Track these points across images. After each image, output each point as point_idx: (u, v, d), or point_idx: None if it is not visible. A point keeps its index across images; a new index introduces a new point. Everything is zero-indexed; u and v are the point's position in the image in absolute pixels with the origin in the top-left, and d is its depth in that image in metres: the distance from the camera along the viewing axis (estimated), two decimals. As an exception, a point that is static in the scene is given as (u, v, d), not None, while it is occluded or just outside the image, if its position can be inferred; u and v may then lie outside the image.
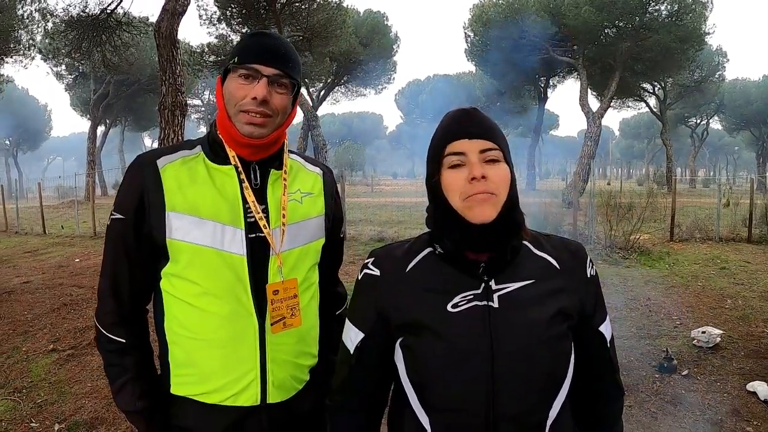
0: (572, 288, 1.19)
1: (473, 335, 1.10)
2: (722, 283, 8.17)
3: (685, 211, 13.96)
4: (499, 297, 1.13)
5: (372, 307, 1.23)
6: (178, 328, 1.41)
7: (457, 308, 1.12)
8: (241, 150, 1.43)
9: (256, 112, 1.36)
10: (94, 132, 36.07)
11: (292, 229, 1.48)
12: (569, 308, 1.17)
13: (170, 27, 9.76)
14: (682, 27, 23.10)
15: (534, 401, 1.10)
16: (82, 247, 13.35)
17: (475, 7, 28.21)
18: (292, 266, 1.48)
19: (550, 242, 1.25)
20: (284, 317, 1.44)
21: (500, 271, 1.15)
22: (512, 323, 1.11)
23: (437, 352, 1.11)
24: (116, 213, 1.42)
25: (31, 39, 20.55)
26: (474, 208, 1.09)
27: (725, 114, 49.75)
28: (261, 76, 1.36)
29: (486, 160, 1.11)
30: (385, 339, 1.22)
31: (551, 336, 1.12)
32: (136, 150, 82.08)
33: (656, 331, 5.91)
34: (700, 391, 4.42)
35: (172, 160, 1.43)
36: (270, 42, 1.41)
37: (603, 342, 1.26)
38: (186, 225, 1.37)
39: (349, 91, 37.26)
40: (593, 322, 1.24)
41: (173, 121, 9.78)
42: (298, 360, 1.51)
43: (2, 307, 7.22)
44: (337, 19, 21.57)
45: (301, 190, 1.55)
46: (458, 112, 1.19)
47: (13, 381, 4.81)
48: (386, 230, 13.37)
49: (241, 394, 1.41)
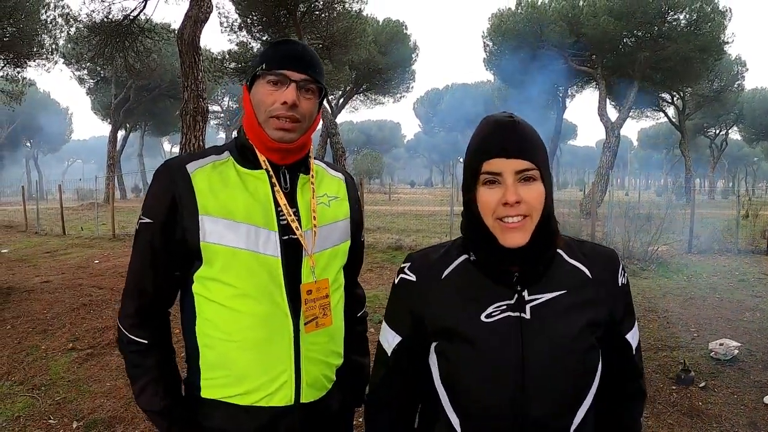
0: (602, 298, 1.21)
1: (505, 345, 1.13)
2: (740, 296, 8.07)
3: (704, 223, 13.81)
4: (531, 308, 1.15)
5: (408, 312, 1.26)
6: (212, 330, 1.43)
7: (491, 318, 1.15)
8: (271, 155, 1.46)
9: (286, 117, 1.39)
10: (115, 136, 36.49)
11: (323, 231, 1.52)
12: (598, 319, 1.19)
13: (193, 34, 9.90)
14: (701, 36, 22.88)
15: (560, 408, 1.14)
16: (101, 249, 13.50)
17: (493, 16, 28.18)
18: (324, 267, 1.51)
19: (583, 249, 1.26)
20: (317, 317, 1.47)
21: (533, 281, 1.17)
22: (543, 334, 1.13)
23: (470, 360, 1.15)
24: (144, 217, 1.44)
25: (54, 43, 20.83)
26: (506, 234, 1.11)
27: (744, 124, 49.18)
28: (290, 81, 1.39)
29: (521, 179, 1.11)
30: (420, 343, 1.25)
31: (580, 347, 1.14)
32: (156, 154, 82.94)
33: (674, 343, 5.85)
34: (717, 403, 4.37)
35: (202, 165, 1.46)
36: (297, 49, 1.45)
37: (628, 349, 1.28)
38: (220, 228, 1.40)
39: (367, 99, 37.28)
40: (620, 330, 1.26)
41: (194, 126, 9.90)
42: (329, 359, 1.54)
43: (22, 306, 7.33)
44: (356, 28, 21.65)
45: (328, 194, 1.60)
46: (497, 125, 1.15)
47: (32, 378, 4.88)
48: (404, 238, 13.35)
49: (276, 394, 1.43)
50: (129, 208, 26.76)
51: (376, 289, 7.91)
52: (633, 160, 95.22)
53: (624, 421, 1.33)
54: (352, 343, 1.68)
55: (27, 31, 19.35)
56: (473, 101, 56.35)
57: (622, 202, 12.66)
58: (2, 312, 7.07)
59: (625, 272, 1.28)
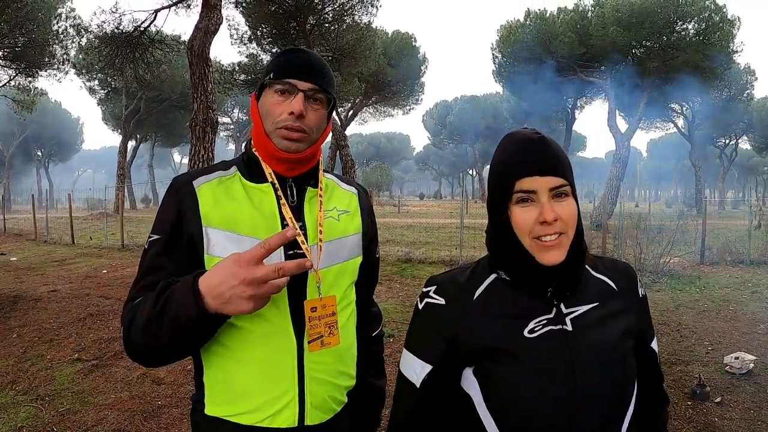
0: (630, 308, 1.24)
1: (553, 358, 1.12)
2: (754, 308, 7.96)
3: (715, 234, 13.68)
4: (571, 320, 1.16)
5: (439, 337, 1.20)
6: (215, 346, 1.38)
7: (534, 333, 1.14)
8: (277, 166, 1.43)
9: (293, 128, 1.36)
10: (125, 146, 36.80)
11: (330, 247, 1.46)
12: (631, 328, 1.21)
13: (202, 45, 9.95)
14: (710, 46, 22.84)
15: (610, 417, 1.14)
16: (109, 259, 13.52)
17: (502, 28, 28.25)
18: (331, 284, 1.45)
19: (604, 263, 1.29)
20: (322, 335, 1.40)
21: (567, 295, 1.18)
22: (588, 344, 1.14)
23: (519, 377, 1.13)
24: (153, 235, 1.41)
25: (66, 54, 21.09)
26: (545, 252, 1.11)
27: (754, 133, 48.85)
28: (297, 90, 1.36)
29: (555, 196, 1.11)
30: (454, 369, 1.21)
31: (621, 355, 1.16)
32: (166, 165, 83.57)
33: (688, 357, 5.75)
34: (734, 419, 4.27)
35: (209, 180, 1.44)
36: (305, 57, 1.41)
37: (654, 357, 1.32)
38: (223, 241, 1.36)
39: (377, 111, 37.41)
40: (646, 339, 1.30)
41: (204, 137, 9.94)
42: (337, 380, 1.47)
43: (29, 314, 7.32)
44: (366, 40, 21.75)
45: (338, 208, 1.54)
46: (528, 142, 1.14)
47: (36, 388, 4.84)
48: (413, 251, 13.23)
49: (279, 415, 1.37)
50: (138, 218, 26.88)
51: (386, 303, 7.83)
52: (642, 171, 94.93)
53: (653, 425, 1.35)
54: (366, 365, 1.61)
55: (39, 41, 19.62)
56: (482, 113, 56.43)
57: (633, 213, 12.53)
58: (9, 320, 7.06)
59: (642, 284, 1.31)
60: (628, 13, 22.71)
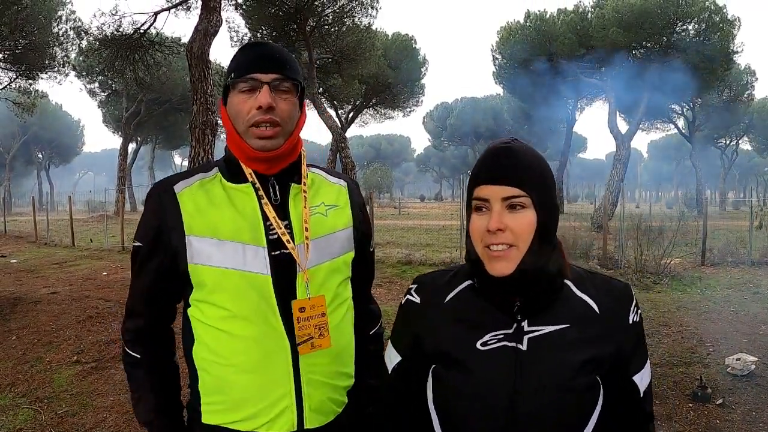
0: (608, 335, 1.14)
1: (498, 375, 1.11)
2: (756, 308, 7.94)
3: (716, 235, 13.64)
4: (528, 339, 1.12)
5: (409, 333, 1.26)
6: (208, 354, 1.37)
7: (486, 347, 1.13)
8: (256, 165, 1.40)
9: (265, 122, 1.33)
10: (125, 149, 36.84)
11: (319, 244, 1.43)
12: (601, 356, 1.12)
13: (202, 47, 9.93)
14: (710, 46, 22.81)
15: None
16: (109, 261, 13.52)
17: (502, 29, 28.22)
18: (321, 282, 1.42)
19: (594, 282, 1.20)
20: (312, 337, 1.37)
21: (536, 312, 1.14)
22: (538, 368, 1.10)
23: (462, 387, 1.13)
24: (136, 241, 1.44)
25: (66, 56, 21.11)
26: (492, 263, 1.10)
27: (754, 134, 48.98)
28: (261, 83, 1.33)
29: (509, 206, 1.08)
30: (419, 365, 1.24)
31: (577, 384, 1.09)
32: (166, 167, 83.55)
33: (689, 358, 5.73)
34: (736, 421, 4.25)
35: (189, 185, 1.42)
36: (263, 49, 1.39)
37: (635, 392, 1.18)
38: (207, 248, 1.34)
39: (377, 113, 37.28)
40: (627, 371, 1.17)
41: (203, 139, 9.92)
42: (335, 381, 1.45)
43: (28, 317, 7.31)
44: (366, 42, 21.76)
45: (326, 203, 1.50)
46: (491, 150, 1.14)
47: (35, 390, 4.83)
48: (414, 253, 13.20)
49: (276, 420, 1.35)
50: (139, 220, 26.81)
51: (386, 305, 7.80)
52: (643, 172, 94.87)
53: None
54: (365, 364, 1.57)
55: (39, 43, 19.64)
56: (483, 115, 56.40)
57: (634, 214, 12.52)
58: (8, 322, 7.05)
59: (639, 309, 1.20)
60: (628, 14, 22.67)
